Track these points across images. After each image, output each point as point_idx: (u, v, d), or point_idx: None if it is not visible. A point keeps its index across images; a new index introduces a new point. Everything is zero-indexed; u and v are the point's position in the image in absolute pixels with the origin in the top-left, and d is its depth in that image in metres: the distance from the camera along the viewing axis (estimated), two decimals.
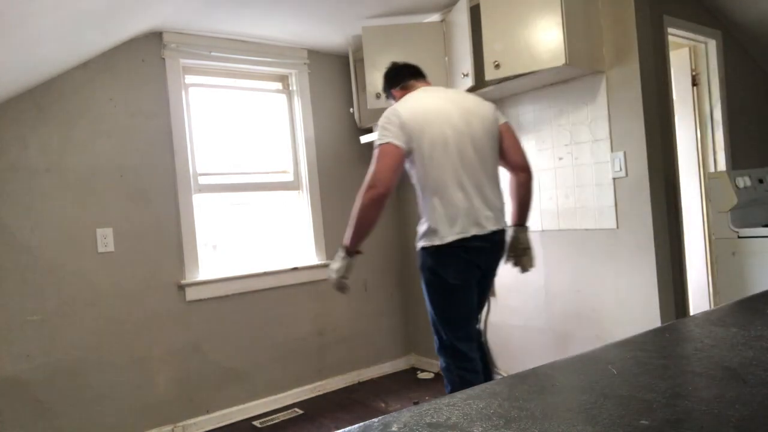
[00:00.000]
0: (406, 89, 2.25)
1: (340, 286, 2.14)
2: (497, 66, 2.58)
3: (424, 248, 2.07)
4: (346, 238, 2.08)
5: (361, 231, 2.04)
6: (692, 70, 3.26)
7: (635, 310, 2.55)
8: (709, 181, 2.91)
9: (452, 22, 2.92)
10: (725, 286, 2.74)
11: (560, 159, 2.80)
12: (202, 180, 3.12)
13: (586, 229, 2.71)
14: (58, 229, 2.65)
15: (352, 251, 2.10)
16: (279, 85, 3.50)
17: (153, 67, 2.94)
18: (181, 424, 2.91)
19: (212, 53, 3.11)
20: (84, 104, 2.74)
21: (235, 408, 3.09)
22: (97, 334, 2.72)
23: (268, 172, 3.41)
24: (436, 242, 2.01)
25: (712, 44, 3.20)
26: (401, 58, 3.06)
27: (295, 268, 3.34)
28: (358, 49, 3.25)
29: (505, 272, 3.15)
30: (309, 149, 3.47)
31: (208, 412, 3.01)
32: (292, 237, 3.46)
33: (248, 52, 3.23)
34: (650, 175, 2.46)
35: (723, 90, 3.21)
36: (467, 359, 2.10)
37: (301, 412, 3.14)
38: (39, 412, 2.56)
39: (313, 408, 3.18)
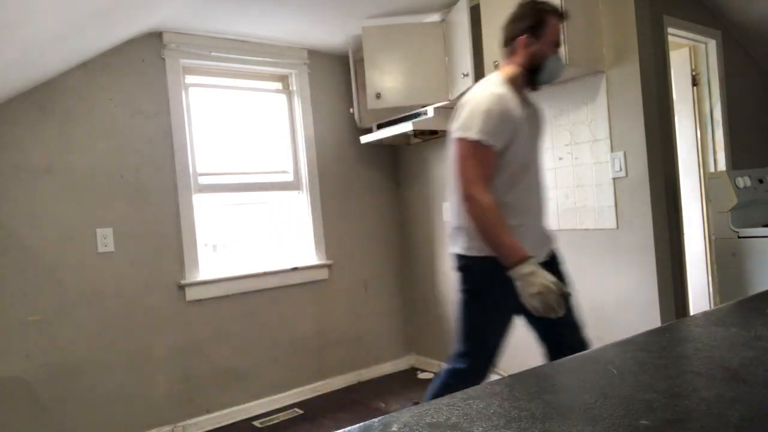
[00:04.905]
0: None
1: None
2: (497, 66, 2.57)
3: None
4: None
5: None
6: (692, 70, 3.26)
7: (635, 310, 2.55)
8: (709, 181, 2.90)
9: (452, 22, 2.92)
10: (725, 286, 2.74)
11: (560, 159, 2.80)
12: (202, 180, 3.12)
13: (586, 229, 2.71)
14: (58, 229, 2.65)
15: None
16: (279, 85, 3.50)
17: (153, 67, 2.94)
18: (181, 424, 2.91)
19: (212, 53, 3.11)
20: (84, 104, 2.74)
21: (235, 408, 3.09)
22: (97, 334, 2.72)
23: (268, 172, 3.41)
24: None
25: (712, 44, 3.20)
26: (401, 58, 3.08)
27: (295, 268, 3.34)
28: (358, 49, 3.25)
29: None
30: (309, 149, 3.47)
31: (208, 412, 3.01)
32: (292, 237, 3.46)
33: (248, 52, 3.23)
34: (650, 175, 2.46)
35: (723, 90, 3.21)
36: None
37: (301, 412, 3.14)
38: (39, 412, 2.56)
39: (313, 408, 3.18)
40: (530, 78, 1.86)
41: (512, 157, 1.79)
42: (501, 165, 1.78)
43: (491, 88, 1.79)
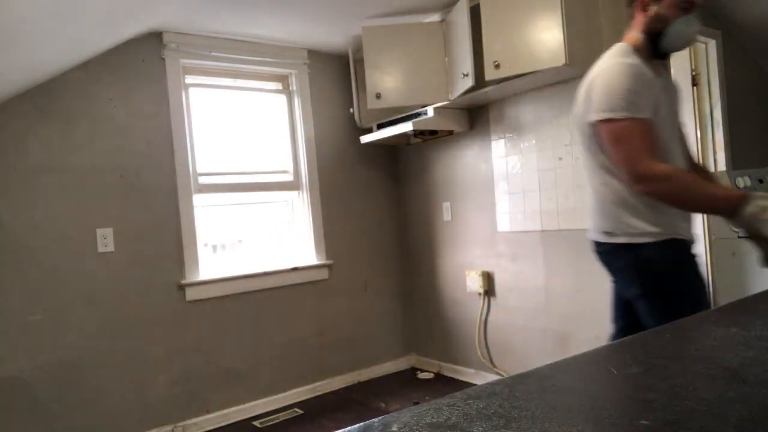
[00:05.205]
0: None
1: None
2: (497, 66, 2.58)
3: None
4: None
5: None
6: (692, 70, 3.26)
7: None
8: None
9: (452, 22, 2.92)
10: (725, 286, 2.74)
11: (560, 159, 2.80)
12: (202, 180, 3.12)
13: (587, 229, 2.70)
14: (58, 229, 2.65)
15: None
16: (279, 85, 3.50)
17: (153, 67, 2.94)
18: (181, 424, 2.91)
19: (212, 53, 3.11)
20: (84, 104, 2.74)
21: (235, 408, 3.09)
22: (97, 334, 2.72)
23: (268, 172, 3.41)
24: None
25: (712, 44, 3.20)
26: (401, 58, 3.08)
27: (295, 268, 3.34)
28: (358, 49, 3.25)
29: (505, 272, 3.16)
30: (309, 149, 3.47)
31: (208, 412, 3.01)
32: (292, 237, 3.46)
33: (248, 52, 3.23)
34: None
35: (723, 90, 3.21)
36: None
37: (301, 412, 3.14)
38: (39, 412, 2.56)
39: (313, 408, 3.18)
40: (653, 45, 1.62)
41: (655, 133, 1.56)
42: None
43: (621, 59, 1.59)
